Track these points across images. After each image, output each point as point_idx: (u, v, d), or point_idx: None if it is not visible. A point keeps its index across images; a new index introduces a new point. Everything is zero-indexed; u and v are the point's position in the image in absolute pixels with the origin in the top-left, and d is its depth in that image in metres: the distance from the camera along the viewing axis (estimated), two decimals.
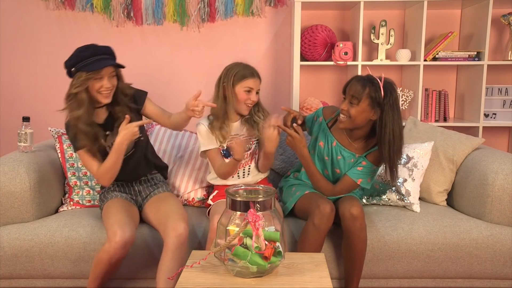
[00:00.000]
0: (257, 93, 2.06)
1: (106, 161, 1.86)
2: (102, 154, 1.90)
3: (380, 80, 1.80)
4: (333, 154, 2.00)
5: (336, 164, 2.00)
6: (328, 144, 2.01)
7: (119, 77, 1.90)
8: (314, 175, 1.96)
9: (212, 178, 2.15)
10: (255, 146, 2.12)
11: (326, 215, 1.81)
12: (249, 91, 2.03)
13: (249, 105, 2.05)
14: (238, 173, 2.09)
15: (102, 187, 2.09)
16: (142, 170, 2.07)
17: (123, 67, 1.88)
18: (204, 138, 2.06)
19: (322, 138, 2.03)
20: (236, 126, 2.10)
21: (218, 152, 2.07)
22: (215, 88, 2.08)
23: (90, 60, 1.77)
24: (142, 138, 1.97)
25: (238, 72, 2.03)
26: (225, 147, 2.06)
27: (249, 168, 2.11)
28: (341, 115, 1.87)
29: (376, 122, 1.84)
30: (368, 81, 1.81)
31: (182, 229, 1.76)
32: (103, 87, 1.81)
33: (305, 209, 1.92)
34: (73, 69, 1.80)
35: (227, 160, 2.06)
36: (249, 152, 2.08)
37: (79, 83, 1.78)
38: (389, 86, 1.81)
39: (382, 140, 1.82)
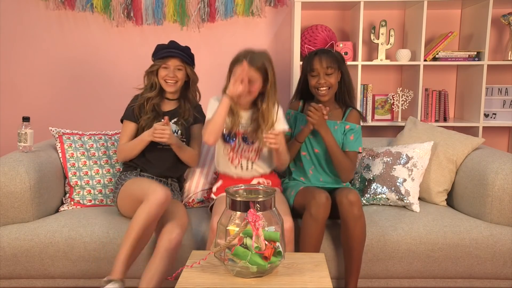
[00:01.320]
0: (250, 82, 1.90)
1: (130, 142, 2.08)
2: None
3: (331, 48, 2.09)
4: (318, 133, 2.06)
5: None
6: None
7: (190, 77, 2.13)
8: (337, 153, 2.03)
9: (217, 163, 2.14)
10: (261, 142, 2.04)
11: (322, 204, 1.83)
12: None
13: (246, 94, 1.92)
14: (241, 165, 2.05)
15: (122, 170, 2.16)
16: (168, 170, 2.11)
17: (190, 64, 2.12)
18: (211, 110, 1.99)
19: (302, 123, 2.12)
20: (245, 115, 2.03)
21: None
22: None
23: (164, 51, 2.09)
24: (184, 141, 2.10)
25: (234, 57, 1.96)
26: (228, 132, 2.01)
27: (252, 163, 2.07)
28: (322, 89, 2.05)
29: (338, 83, 2.09)
30: (327, 51, 2.09)
31: (176, 234, 1.78)
32: (168, 76, 2.07)
33: (302, 204, 1.94)
34: (152, 58, 2.13)
35: (228, 145, 2.03)
36: (252, 146, 2.04)
37: (151, 66, 2.12)
38: (337, 51, 2.14)
39: (347, 91, 2.12)
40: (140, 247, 1.82)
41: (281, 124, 2.04)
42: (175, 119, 2.13)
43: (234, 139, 2.03)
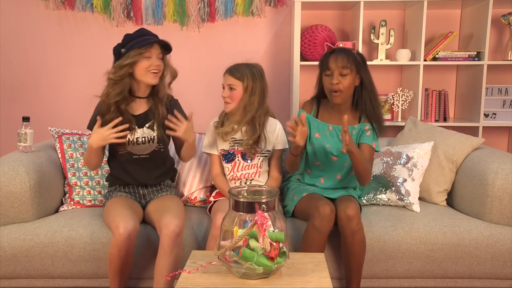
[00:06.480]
0: (232, 89, 1.98)
1: (85, 154, 1.95)
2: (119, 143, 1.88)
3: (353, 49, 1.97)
4: (334, 138, 2.02)
5: (341, 146, 1.98)
6: (325, 132, 2.04)
7: (165, 65, 1.94)
8: (360, 159, 1.87)
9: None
10: (261, 160, 2.07)
11: (327, 216, 1.81)
12: (224, 88, 2.03)
13: (225, 102, 2.01)
14: (240, 182, 2.07)
15: (109, 185, 2.09)
16: (152, 179, 2.04)
17: (170, 49, 1.93)
18: (208, 139, 2.09)
19: (315, 130, 2.06)
20: (240, 129, 2.05)
21: (218, 158, 2.09)
22: None
23: (139, 38, 1.85)
24: (162, 150, 2.01)
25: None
26: (227, 151, 2.05)
27: (251, 180, 2.08)
28: (334, 91, 1.92)
29: (356, 88, 1.97)
30: (348, 50, 1.95)
31: (174, 226, 1.75)
32: (152, 65, 1.85)
33: (304, 211, 1.93)
34: (123, 50, 1.85)
35: (228, 165, 2.06)
36: (251, 163, 2.06)
37: (130, 57, 1.82)
38: (359, 52, 2.00)
39: (365, 100, 1.97)
40: (126, 270, 1.83)
41: (280, 144, 2.08)
42: (149, 123, 1.97)
43: (233, 158, 2.04)
